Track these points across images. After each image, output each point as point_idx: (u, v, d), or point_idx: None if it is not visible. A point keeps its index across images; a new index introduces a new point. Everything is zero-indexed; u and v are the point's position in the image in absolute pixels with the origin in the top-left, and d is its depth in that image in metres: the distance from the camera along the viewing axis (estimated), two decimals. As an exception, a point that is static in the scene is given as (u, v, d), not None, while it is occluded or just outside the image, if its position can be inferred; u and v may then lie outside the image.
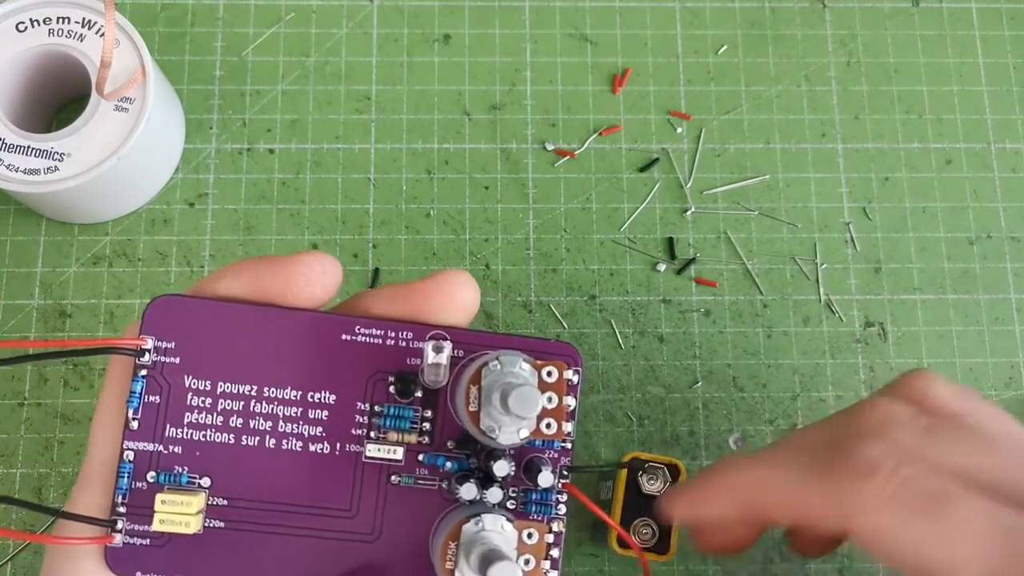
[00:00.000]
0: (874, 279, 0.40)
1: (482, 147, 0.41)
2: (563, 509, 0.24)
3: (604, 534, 0.33)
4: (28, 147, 0.36)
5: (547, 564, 0.23)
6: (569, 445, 0.24)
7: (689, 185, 0.41)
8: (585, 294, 0.40)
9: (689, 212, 0.41)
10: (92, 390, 0.38)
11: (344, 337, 0.24)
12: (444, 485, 0.24)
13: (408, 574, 0.24)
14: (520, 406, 0.20)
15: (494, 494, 0.23)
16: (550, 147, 0.41)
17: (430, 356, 0.23)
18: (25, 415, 0.38)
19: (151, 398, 0.23)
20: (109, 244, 0.39)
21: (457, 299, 0.24)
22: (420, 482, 0.24)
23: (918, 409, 0.26)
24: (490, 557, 0.21)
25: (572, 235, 0.40)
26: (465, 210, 0.40)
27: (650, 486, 0.32)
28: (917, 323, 0.40)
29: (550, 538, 0.23)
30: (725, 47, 0.43)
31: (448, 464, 0.24)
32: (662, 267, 0.40)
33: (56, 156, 0.36)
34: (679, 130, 0.42)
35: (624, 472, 0.32)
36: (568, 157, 0.41)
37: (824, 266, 0.41)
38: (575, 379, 0.23)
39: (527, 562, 0.22)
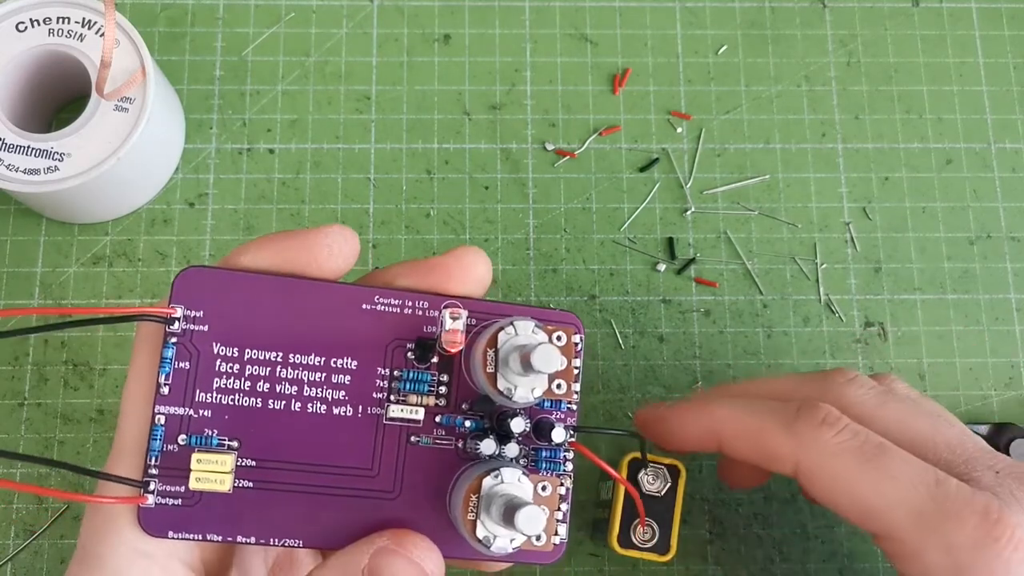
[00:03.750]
0: (874, 279, 0.40)
1: (482, 147, 0.41)
2: (570, 466, 0.25)
3: (604, 534, 0.33)
4: (28, 147, 0.36)
5: (559, 515, 0.25)
6: (575, 406, 0.26)
7: (689, 185, 0.41)
8: (585, 294, 0.40)
9: (689, 212, 0.41)
10: (92, 390, 0.38)
11: (364, 307, 0.25)
12: (460, 444, 0.25)
13: (427, 527, 0.25)
14: (542, 362, 0.22)
15: (511, 449, 0.25)
16: (550, 147, 0.41)
17: (448, 323, 0.24)
18: (25, 415, 0.38)
19: (181, 364, 0.24)
20: (109, 244, 0.39)
21: (473, 272, 0.25)
22: (438, 442, 0.25)
23: (879, 384, 0.31)
24: (514, 504, 0.22)
25: (572, 235, 0.40)
26: (465, 210, 0.41)
27: (650, 486, 0.32)
28: (917, 323, 0.40)
29: (562, 491, 0.25)
30: (725, 47, 0.43)
31: (467, 424, 0.25)
32: (662, 267, 0.40)
33: (56, 156, 0.36)
34: (679, 130, 0.42)
35: (625, 470, 0.32)
36: (568, 157, 0.41)
37: (824, 266, 0.41)
38: (579, 343, 0.25)
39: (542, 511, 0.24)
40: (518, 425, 0.24)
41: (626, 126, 0.42)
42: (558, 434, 0.25)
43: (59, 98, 0.40)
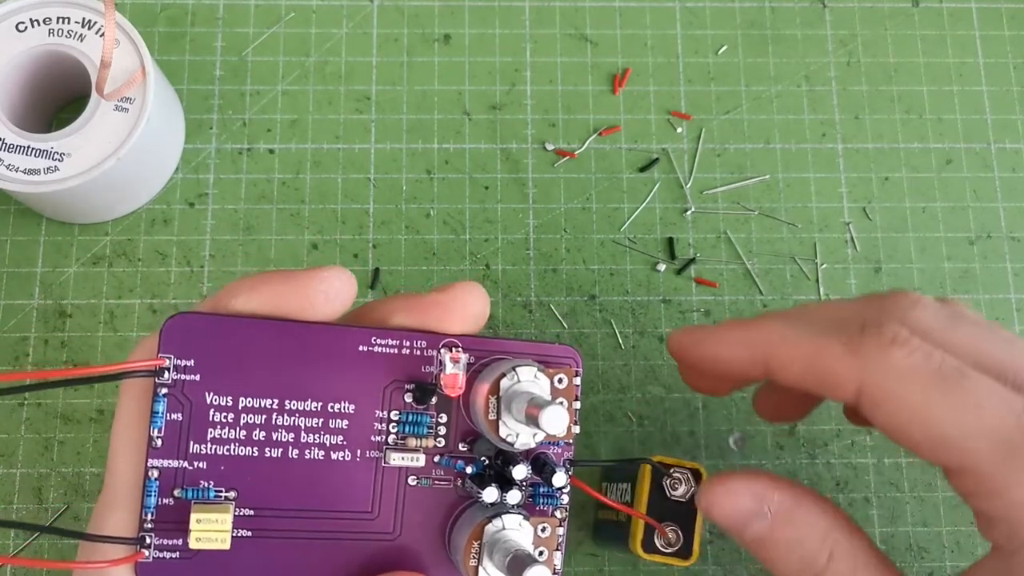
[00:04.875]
0: (874, 279, 0.40)
1: (482, 147, 0.41)
2: (566, 499, 0.26)
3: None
4: (28, 147, 0.36)
5: (557, 553, 0.25)
6: (572, 441, 0.26)
7: (689, 185, 0.41)
8: (585, 294, 0.40)
9: (689, 212, 0.41)
10: (92, 390, 0.38)
11: (361, 348, 0.25)
12: (459, 483, 0.25)
13: (428, 566, 0.25)
14: (550, 425, 0.22)
15: (514, 496, 0.24)
16: (550, 147, 0.41)
17: (448, 367, 0.24)
18: (25, 415, 0.38)
19: (173, 416, 0.24)
20: (109, 244, 0.39)
21: (471, 310, 0.25)
22: (437, 482, 0.25)
23: (944, 303, 0.27)
24: (519, 559, 0.22)
25: (572, 235, 0.40)
26: (465, 210, 0.41)
27: (675, 491, 0.31)
28: (917, 323, 0.40)
29: (560, 530, 0.25)
30: (725, 47, 0.43)
31: (468, 469, 0.25)
32: (662, 267, 0.40)
33: (56, 156, 0.36)
34: (679, 130, 0.42)
35: (649, 475, 0.31)
36: (568, 157, 0.41)
37: (824, 266, 0.41)
38: (578, 381, 0.25)
39: (541, 553, 0.24)
40: (520, 472, 0.24)
41: (626, 126, 0.42)
42: (559, 479, 0.24)
43: (59, 98, 0.40)
